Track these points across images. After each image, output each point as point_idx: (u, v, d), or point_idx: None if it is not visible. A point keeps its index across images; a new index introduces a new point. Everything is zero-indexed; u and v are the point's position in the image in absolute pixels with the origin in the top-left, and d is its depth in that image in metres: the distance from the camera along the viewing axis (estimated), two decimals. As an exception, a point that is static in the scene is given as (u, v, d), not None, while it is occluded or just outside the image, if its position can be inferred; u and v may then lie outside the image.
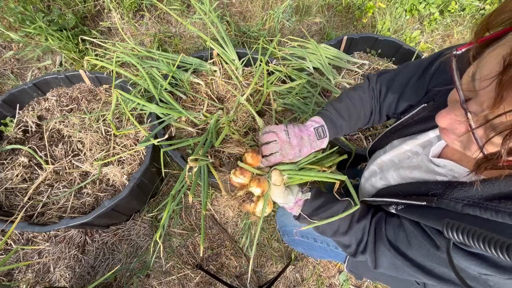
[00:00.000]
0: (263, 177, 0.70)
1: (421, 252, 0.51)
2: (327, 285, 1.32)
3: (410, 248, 0.53)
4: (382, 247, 0.59)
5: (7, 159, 1.15)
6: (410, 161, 0.63)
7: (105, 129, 1.22)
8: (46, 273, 1.21)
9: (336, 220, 0.66)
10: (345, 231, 0.66)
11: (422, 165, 0.59)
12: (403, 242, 0.55)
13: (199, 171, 0.98)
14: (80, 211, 1.08)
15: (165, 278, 1.24)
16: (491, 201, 0.40)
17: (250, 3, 1.96)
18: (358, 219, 0.66)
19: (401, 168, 0.64)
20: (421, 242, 0.50)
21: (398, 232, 0.56)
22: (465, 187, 0.44)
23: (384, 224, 0.60)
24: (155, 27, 1.80)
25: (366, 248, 0.63)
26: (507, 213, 0.37)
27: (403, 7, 1.97)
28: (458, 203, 0.44)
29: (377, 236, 0.61)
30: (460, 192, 0.45)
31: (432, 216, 0.47)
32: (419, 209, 0.51)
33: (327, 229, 0.69)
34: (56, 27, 1.52)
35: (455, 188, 0.45)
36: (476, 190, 0.42)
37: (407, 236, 0.54)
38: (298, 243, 0.99)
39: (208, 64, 1.32)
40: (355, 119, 0.78)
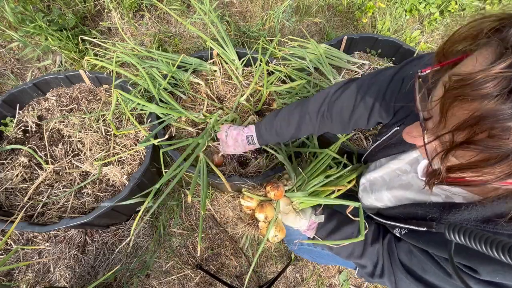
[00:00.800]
0: (267, 203, 0.72)
1: (437, 278, 0.51)
2: (327, 285, 1.31)
3: (426, 273, 0.53)
4: (400, 274, 0.58)
5: (7, 159, 1.15)
6: (400, 179, 0.63)
7: (105, 129, 1.22)
8: (46, 273, 1.21)
9: (350, 244, 0.67)
10: (360, 255, 0.66)
11: (413, 183, 0.59)
12: (418, 267, 0.54)
13: (198, 171, 0.98)
14: (80, 211, 1.08)
15: (165, 278, 1.24)
16: (487, 223, 0.40)
17: (250, 3, 1.96)
18: (372, 242, 0.66)
19: (393, 188, 0.64)
20: (435, 270, 0.50)
21: (410, 257, 0.56)
22: (460, 211, 0.44)
23: (395, 247, 0.60)
24: (155, 27, 1.80)
25: (384, 273, 0.63)
26: (506, 235, 0.37)
27: (403, 7, 1.97)
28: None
29: (391, 260, 0.61)
30: (456, 215, 0.44)
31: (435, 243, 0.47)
32: (421, 234, 0.51)
33: (342, 252, 0.69)
34: (56, 27, 1.52)
35: (451, 212, 0.45)
36: (470, 213, 0.43)
37: (419, 262, 0.53)
38: (304, 252, 0.96)
39: (208, 64, 1.32)
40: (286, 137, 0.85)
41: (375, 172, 0.72)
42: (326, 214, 0.74)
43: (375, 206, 0.71)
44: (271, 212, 0.70)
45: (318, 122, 0.78)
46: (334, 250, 0.71)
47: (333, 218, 0.74)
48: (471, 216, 0.43)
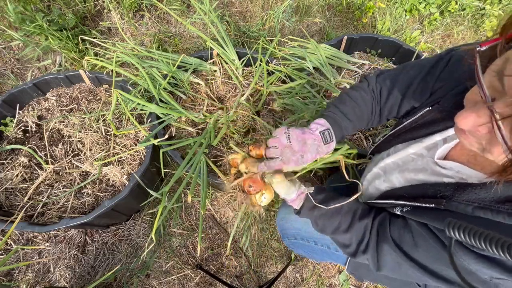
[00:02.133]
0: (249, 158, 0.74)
1: (428, 254, 0.50)
2: (327, 285, 1.31)
3: (416, 250, 0.52)
4: (387, 247, 0.58)
5: (7, 159, 1.15)
6: (415, 163, 0.62)
7: (105, 129, 1.22)
8: (46, 273, 1.21)
9: (337, 217, 0.66)
10: (346, 229, 0.65)
11: (428, 167, 0.58)
12: (409, 243, 0.53)
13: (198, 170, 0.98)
14: (80, 211, 1.08)
15: (165, 278, 1.24)
16: (503, 204, 0.39)
17: (250, 3, 1.96)
18: (360, 217, 0.65)
19: (406, 171, 0.63)
20: (429, 244, 0.49)
21: (404, 233, 0.55)
22: (476, 189, 0.43)
23: (388, 224, 0.59)
24: (155, 27, 1.80)
25: (368, 248, 0.62)
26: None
27: (403, 7, 1.97)
28: (469, 205, 0.42)
29: (380, 236, 0.60)
30: (471, 194, 0.43)
31: (441, 218, 0.46)
32: (426, 211, 0.50)
33: (328, 226, 0.67)
34: (56, 27, 1.52)
35: (465, 190, 0.44)
36: (487, 193, 0.41)
37: (413, 237, 0.53)
38: (298, 246, 0.98)
39: (208, 64, 1.32)
40: (358, 121, 0.75)
41: (388, 159, 0.70)
42: (316, 188, 0.71)
43: (380, 190, 0.69)
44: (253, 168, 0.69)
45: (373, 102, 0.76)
46: (319, 225, 0.69)
47: (322, 192, 0.71)
48: (487, 196, 0.41)
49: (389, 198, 0.62)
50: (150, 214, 1.36)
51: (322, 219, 0.68)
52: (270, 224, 1.38)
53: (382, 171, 0.72)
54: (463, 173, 0.50)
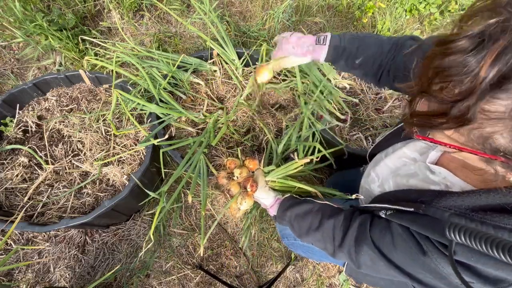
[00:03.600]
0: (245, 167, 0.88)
1: (405, 256, 0.51)
2: (327, 285, 1.31)
3: (395, 251, 0.53)
4: (365, 247, 0.58)
5: (7, 159, 1.15)
6: (408, 168, 0.63)
7: (105, 129, 1.22)
8: (46, 273, 1.21)
9: (309, 217, 0.71)
10: (316, 227, 0.69)
11: (419, 172, 0.59)
12: (388, 244, 0.54)
13: (198, 170, 0.99)
14: (80, 211, 1.08)
15: (165, 278, 1.24)
16: (477, 212, 0.41)
17: (250, 3, 1.96)
18: (329, 217, 0.68)
19: (398, 176, 0.64)
20: (408, 246, 0.50)
21: (384, 233, 0.56)
22: (453, 197, 0.45)
23: (369, 225, 0.60)
24: (155, 27, 1.80)
25: (343, 245, 0.63)
26: (491, 225, 0.38)
27: (403, 7, 1.97)
28: (445, 212, 0.44)
29: (360, 236, 0.61)
30: (448, 201, 0.45)
31: (419, 223, 0.47)
32: (407, 215, 0.51)
33: (302, 226, 0.72)
34: (56, 27, 1.52)
35: (444, 197, 0.46)
36: (463, 201, 0.43)
37: (393, 238, 0.53)
38: (297, 247, 0.99)
39: (208, 64, 1.32)
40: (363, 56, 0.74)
41: (385, 161, 0.71)
42: (290, 195, 0.82)
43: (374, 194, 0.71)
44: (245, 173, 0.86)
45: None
46: (295, 228, 0.74)
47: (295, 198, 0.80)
48: (463, 204, 0.43)
49: (378, 202, 0.63)
50: (150, 214, 1.36)
51: (296, 220, 0.74)
52: (270, 224, 1.38)
53: (377, 176, 0.73)
54: (449, 180, 0.52)
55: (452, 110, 0.35)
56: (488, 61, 0.31)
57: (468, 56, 0.33)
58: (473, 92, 0.33)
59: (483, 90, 0.32)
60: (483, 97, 0.32)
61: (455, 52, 0.34)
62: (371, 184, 0.73)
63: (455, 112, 0.35)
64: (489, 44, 0.31)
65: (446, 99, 0.35)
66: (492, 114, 0.33)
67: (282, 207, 0.78)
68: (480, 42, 0.32)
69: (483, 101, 0.33)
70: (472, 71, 0.32)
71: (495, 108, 0.32)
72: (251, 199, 0.82)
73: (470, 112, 0.34)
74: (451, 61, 0.34)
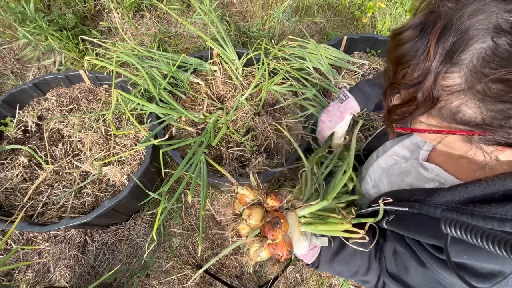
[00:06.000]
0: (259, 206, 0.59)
1: (417, 275, 0.51)
2: (327, 285, 1.31)
3: (409, 273, 0.52)
4: (387, 280, 0.58)
5: (7, 159, 1.15)
6: (399, 166, 0.63)
7: (105, 129, 1.22)
8: (46, 273, 1.21)
9: (355, 260, 0.63)
10: (365, 271, 0.63)
11: (413, 170, 0.59)
12: (402, 268, 0.54)
13: (198, 170, 0.98)
14: (80, 211, 1.08)
15: (165, 278, 1.24)
16: (466, 205, 0.41)
17: (250, 3, 1.96)
18: (375, 255, 0.63)
19: (391, 175, 0.64)
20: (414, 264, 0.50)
21: (395, 258, 0.56)
22: (443, 193, 0.45)
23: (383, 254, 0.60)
24: (155, 27, 1.80)
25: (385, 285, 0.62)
26: (482, 216, 0.38)
27: (403, 7, 1.97)
28: (438, 208, 0.45)
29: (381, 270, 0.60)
30: (439, 197, 0.45)
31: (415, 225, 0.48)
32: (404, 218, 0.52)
33: (346, 271, 0.65)
34: (56, 27, 1.52)
35: (435, 194, 0.47)
36: (453, 195, 0.44)
37: (402, 261, 0.53)
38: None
39: (208, 64, 1.32)
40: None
41: (377, 161, 0.71)
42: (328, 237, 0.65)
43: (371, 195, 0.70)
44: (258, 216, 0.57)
45: None
46: (336, 271, 0.66)
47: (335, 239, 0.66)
48: (453, 198, 0.44)
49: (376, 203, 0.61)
50: (150, 214, 1.36)
51: (340, 265, 0.64)
52: (270, 224, 1.38)
53: (370, 177, 0.73)
54: (441, 176, 0.53)
55: (418, 93, 0.38)
56: (432, 42, 0.35)
57: (416, 42, 0.37)
58: (429, 72, 0.36)
59: (436, 68, 0.35)
60: (439, 75, 0.35)
61: (405, 41, 0.39)
62: (365, 186, 0.73)
63: (421, 95, 0.38)
64: (429, 28, 0.36)
65: (409, 83, 0.39)
66: (452, 88, 0.35)
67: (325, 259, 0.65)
68: (422, 29, 0.37)
69: (439, 78, 0.36)
70: (423, 54, 0.36)
71: (452, 81, 0.35)
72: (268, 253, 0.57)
73: (433, 91, 0.37)
74: (404, 49, 0.39)
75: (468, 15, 0.33)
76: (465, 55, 0.33)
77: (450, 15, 0.34)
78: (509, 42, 0.31)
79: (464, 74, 0.34)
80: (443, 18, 0.35)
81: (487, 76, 0.32)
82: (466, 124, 0.37)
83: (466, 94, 0.35)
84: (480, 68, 0.33)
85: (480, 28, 0.32)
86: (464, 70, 0.34)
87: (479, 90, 0.34)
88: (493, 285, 0.39)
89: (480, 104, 0.34)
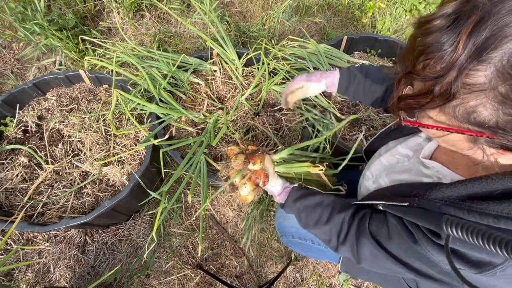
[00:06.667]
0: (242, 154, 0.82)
1: (400, 246, 0.53)
2: (327, 285, 1.31)
3: (390, 242, 0.55)
4: (365, 240, 0.60)
5: (7, 159, 1.15)
6: (402, 164, 0.65)
7: (105, 129, 1.22)
8: (46, 273, 1.21)
9: (318, 210, 0.71)
10: (326, 221, 0.69)
11: (413, 168, 0.61)
12: (385, 235, 0.56)
13: (198, 170, 0.98)
14: (80, 211, 1.08)
15: (165, 278, 1.24)
16: (465, 201, 0.42)
17: (250, 3, 1.96)
18: (339, 211, 0.69)
19: (392, 172, 0.66)
20: (402, 237, 0.52)
21: (381, 226, 0.58)
22: (443, 188, 0.46)
23: (368, 219, 0.63)
24: (155, 27, 1.80)
25: (346, 240, 0.65)
26: (478, 213, 0.39)
27: (403, 7, 1.97)
28: (436, 203, 0.46)
29: (360, 230, 0.63)
30: (439, 192, 0.46)
31: (413, 215, 0.50)
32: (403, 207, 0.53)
33: (310, 219, 0.72)
34: (56, 27, 1.52)
35: (435, 189, 0.48)
36: (452, 191, 0.45)
37: (389, 230, 0.56)
38: (295, 245, 1.00)
39: (208, 64, 1.32)
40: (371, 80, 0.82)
41: (379, 159, 0.73)
42: (299, 184, 0.81)
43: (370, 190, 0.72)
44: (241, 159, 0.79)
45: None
46: (302, 219, 0.74)
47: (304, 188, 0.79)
48: (452, 194, 0.45)
49: (373, 198, 0.65)
50: (150, 214, 1.36)
51: (304, 212, 0.74)
52: (270, 224, 1.38)
53: (371, 174, 0.75)
54: (441, 173, 0.54)
55: (435, 87, 0.37)
56: (463, 36, 0.33)
57: (445, 33, 0.35)
58: (453, 67, 0.34)
59: (462, 63, 0.34)
60: (463, 71, 0.34)
61: (433, 31, 0.36)
62: (366, 182, 0.76)
63: (439, 89, 0.36)
64: (463, 20, 0.33)
65: (429, 76, 0.37)
66: (474, 86, 0.34)
67: (292, 197, 0.78)
68: (454, 19, 0.34)
69: (463, 75, 0.34)
70: (450, 47, 0.34)
71: (476, 80, 0.34)
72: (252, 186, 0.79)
73: (452, 87, 0.35)
74: (431, 39, 0.36)
75: (507, 11, 0.31)
76: (495, 53, 0.32)
77: (488, 8, 0.32)
78: None
79: (490, 73, 0.32)
80: (480, 10, 0.32)
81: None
82: (478, 125, 0.36)
83: (487, 94, 0.33)
84: (509, 69, 0.31)
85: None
86: (491, 69, 0.32)
87: (501, 92, 0.32)
88: (481, 273, 0.40)
89: (498, 107, 0.33)
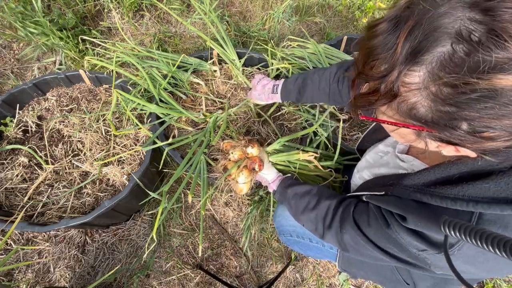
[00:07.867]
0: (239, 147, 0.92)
1: (377, 232, 0.58)
2: (327, 285, 1.31)
3: (369, 228, 0.60)
4: (348, 226, 0.65)
5: (7, 159, 1.15)
6: (382, 160, 0.72)
7: (105, 129, 1.22)
8: (46, 273, 1.21)
9: (307, 197, 0.78)
10: (313, 207, 0.75)
11: (391, 162, 0.68)
12: (364, 222, 0.61)
13: (198, 170, 0.99)
14: (80, 211, 1.08)
15: (165, 278, 1.24)
16: (429, 187, 0.47)
17: (250, 3, 1.96)
18: (326, 198, 0.75)
19: (373, 167, 0.74)
20: (378, 223, 0.57)
21: (363, 214, 0.63)
22: (412, 176, 0.52)
23: (353, 207, 0.68)
24: (155, 27, 1.80)
25: (332, 225, 0.70)
26: (439, 196, 0.44)
27: (403, 7, 1.97)
28: (407, 190, 0.51)
29: (344, 216, 0.68)
30: (409, 180, 0.52)
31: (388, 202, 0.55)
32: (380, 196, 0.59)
33: (299, 205, 0.78)
34: (56, 27, 1.52)
35: (405, 178, 0.53)
36: (419, 178, 0.50)
37: (369, 218, 0.60)
38: (294, 243, 1.01)
39: (208, 64, 1.32)
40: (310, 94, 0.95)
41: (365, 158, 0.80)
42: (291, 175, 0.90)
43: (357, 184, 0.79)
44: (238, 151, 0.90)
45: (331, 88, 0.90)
46: (293, 207, 0.81)
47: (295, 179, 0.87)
48: (419, 181, 0.50)
49: (359, 190, 0.71)
50: (150, 214, 1.36)
51: (294, 199, 0.80)
52: (270, 224, 1.38)
53: (357, 170, 0.82)
54: (414, 165, 0.60)
55: (381, 86, 0.39)
56: (402, 39, 0.36)
57: (388, 36, 0.38)
58: (394, 67, 0.37)
59: (400, 64, 0.36)
60: (402, 71, 0.36)
61: (378, 34, 0.39)
62: (354, 178, 0.84)
63: (384, 88, 0.39)
64: (401, 24, 0.36)
65: (376, 76, 0.40)
66: (411, 85, 0.37)
67: (283, 184, 0.86)
68: (395, 24, 0.37)
69: (402, 74, 0.37)
70: (391, 49, 0.37)
71: (412, 79, 0.37)
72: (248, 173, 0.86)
73: (394, 86, 0.38)
74: (376, 41, 0.39)
75: (437, 17, 0.34)
76: (427, 56, 0.34)
77: (422, 13, 0.35)
78: (465, 51, 0.32)
79: (423, 74, 0.35)
80: (415, 15, 0.35)
81: (441, 79, 0.34)
82: (418, 120, 0.40)
83: (422, 93, 0.37)
84: (437, 70, 0.34)
85: (444, 31, 0.33)
86: (423, 70, 0.35)
87: (432, 91, 0.35)
88: (441, 253, 0.45)
89: (431, 104, 0.36)
